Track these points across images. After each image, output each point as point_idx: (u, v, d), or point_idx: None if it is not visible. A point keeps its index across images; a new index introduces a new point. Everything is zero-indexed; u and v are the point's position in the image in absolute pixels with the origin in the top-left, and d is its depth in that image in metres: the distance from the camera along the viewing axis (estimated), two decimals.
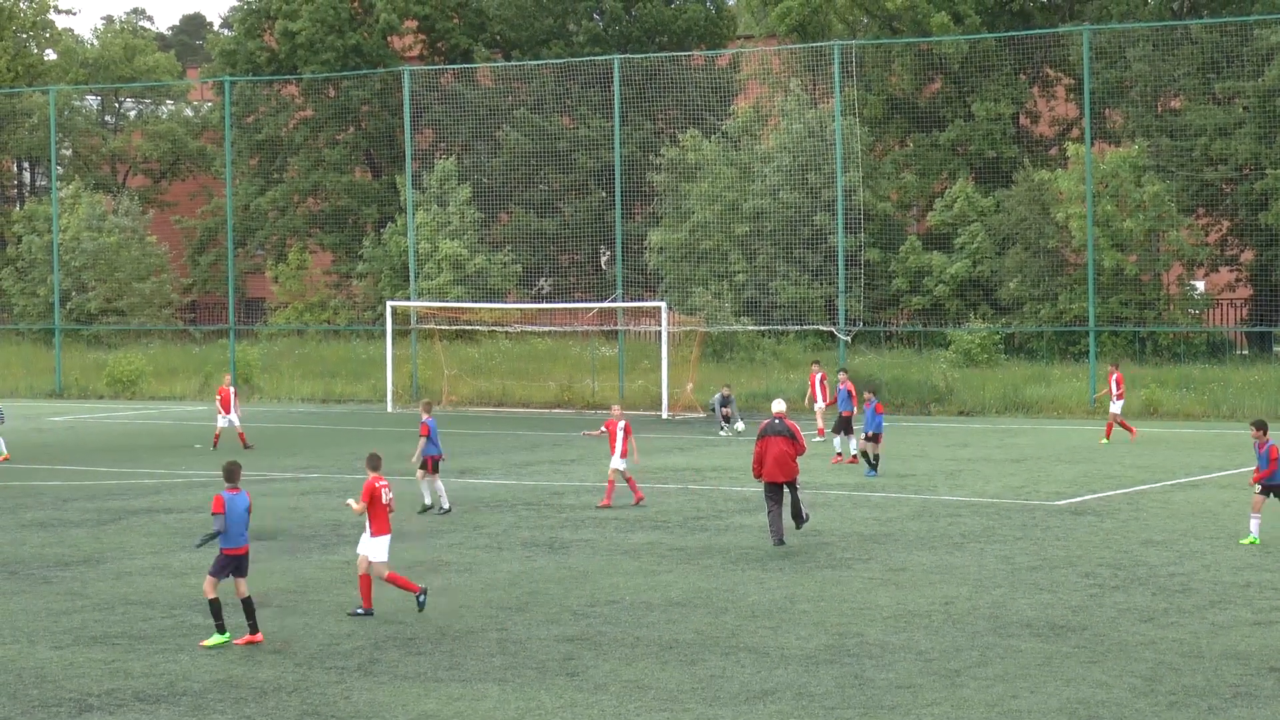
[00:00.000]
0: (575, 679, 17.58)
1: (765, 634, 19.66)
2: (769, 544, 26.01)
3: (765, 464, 25.86)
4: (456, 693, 17.06)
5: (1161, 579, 22.90)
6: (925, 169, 70.76)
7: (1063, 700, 16.51)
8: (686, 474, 36.15)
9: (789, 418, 26.93)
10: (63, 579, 23.84)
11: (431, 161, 73.58)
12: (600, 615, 20.82)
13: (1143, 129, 64.42)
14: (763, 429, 26.20)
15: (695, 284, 64.33)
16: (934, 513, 29.68)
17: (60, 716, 16.35)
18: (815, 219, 63.55)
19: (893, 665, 18.03)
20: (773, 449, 25.86)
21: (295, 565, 24.73)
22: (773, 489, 25.97)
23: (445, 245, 69.69)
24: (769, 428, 26.12)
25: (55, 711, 16.51)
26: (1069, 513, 29.67)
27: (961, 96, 70.50)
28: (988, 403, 51.86)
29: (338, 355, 68.38)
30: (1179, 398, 50.85)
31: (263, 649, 19.07)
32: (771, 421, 26.25)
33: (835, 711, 16.22)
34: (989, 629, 19.71)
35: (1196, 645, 18.88)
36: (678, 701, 16.62)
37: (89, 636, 19.90)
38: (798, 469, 26.25)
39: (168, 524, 29.22)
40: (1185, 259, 62.75)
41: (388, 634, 19.83)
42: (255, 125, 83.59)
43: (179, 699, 16.94)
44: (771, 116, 68.81)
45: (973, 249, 66.00)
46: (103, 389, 63.44)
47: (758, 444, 26.05)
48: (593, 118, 74.43)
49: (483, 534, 27.70)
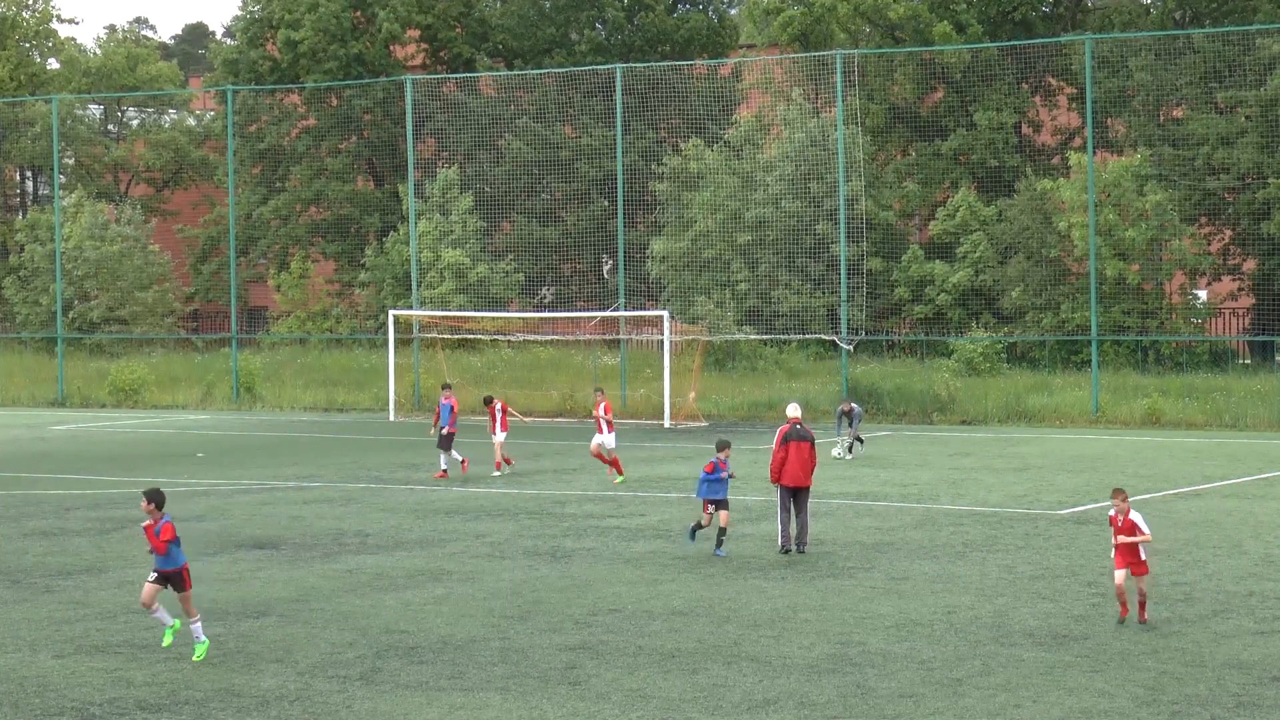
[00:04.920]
0: (577, 688, 17.57)
1: (767, 643, 19.65)
2: (772, 553, 25.98)
3: (787, 469, 25.92)
4: (459, 701, 17.05)
5: (1164, 588, 22.87)
6: (927, 178, 70.79)
7: (1065, 709, 16.49)
8: (689, 483, 36.10)
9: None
10: (65, 588, 23.83)
11: (434, 170, 73.62)
12: (602, 624, 20.81)
13: (1145, 138, 64.46)
14: (784, 434, 26.20)
15: (697, 293, 64.36)
16: (936, 522, 29.66)
17: None
18: (817, 228, 63.58)
19: (895, 674, 18.01)
20: (795, 454, 25.97)
21: (297, 574, 24.72)
22: (791, 494, 26.06)
23: (447, 254, 69.72)
24: (791, 433, 26.16)
25: None
26: (1072, 522, 29.64)
27: (964, 106, 70.54)
28: (990, 412, 51.84)
29: (340, 364, 68.38)
30: (1181, 407, 50.82)
31: (264, 658, 19.05)
32: (793, 427, 26.27)
33: None
34: (991, 638, 19.69)
35: (1199, 654, 18.86)
36: (680, 710, 16.61)
37: (91, 645, 19.89)
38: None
39: None
40: (1187, 268, 62.77)
41: (390, 643, 19.82)
42: (257, 134, 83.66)
43: (181, 708, 16.94)
44: (774, 126, 68.87)
45: (975, 258, 66.01)
46: (105, 398, 63.44)
47: (778, 450, 26.08)
48: (595, 127, 74.48)
49: (485, 543, 27.69)
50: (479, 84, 78.49)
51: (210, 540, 28.21)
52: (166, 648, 19.25)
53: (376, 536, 28.52)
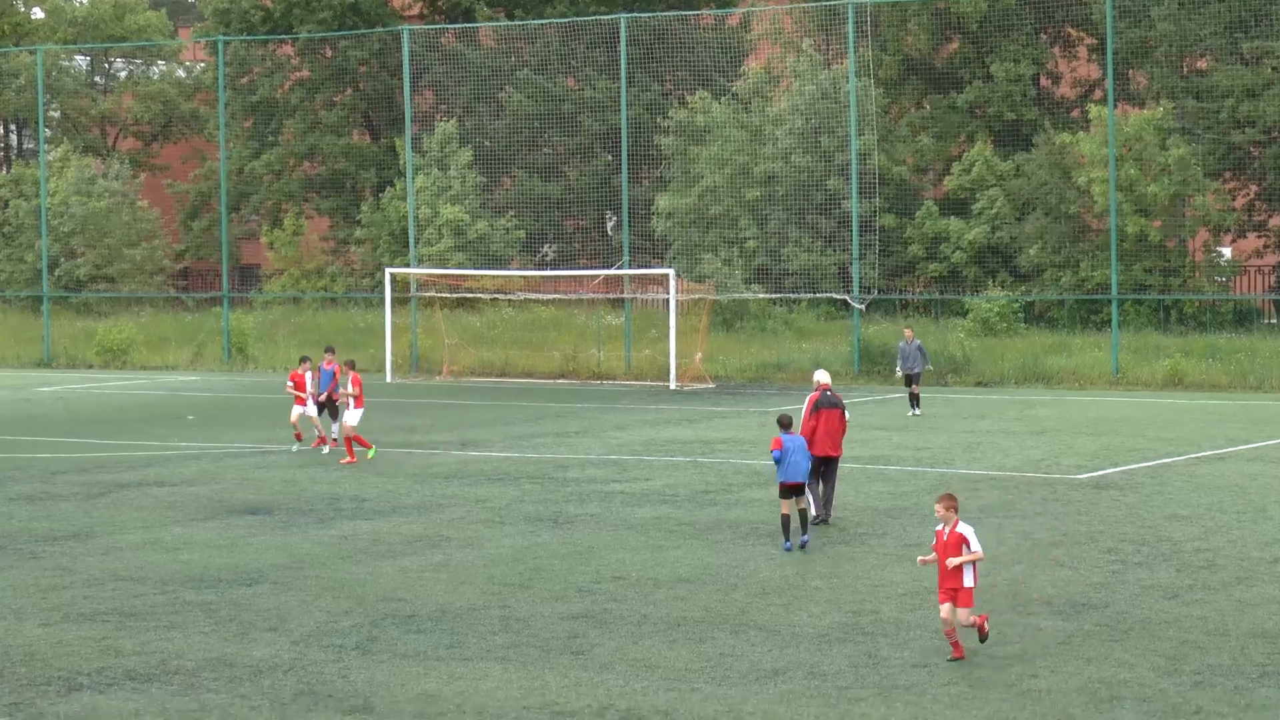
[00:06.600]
0: (580, 657, 17.58)
1: (776, 611, 19.66)
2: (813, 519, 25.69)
3: (817, 438, 25.53)
4: (458, 672, 17.06)
5: (1186, 555, 22.88)
6: (942, 132, 70.60)
7: (1083, 680, 16.50)
8: (695, 447, 36.13)
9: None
10: (51, 554, 23.86)
11: (432, 124, 73.45)
12: (606, 592, 20.83)
13: (1167, 90, 64.23)
14: (815, 402, 25.73)
15: (704, 251, 64.27)
16: (951, 487, 29.65)
17: (49, 695, 16.36)
18: (828, 183, 63.46)
19: (908, 643, 18.02)
20: (826, 422, 25.63)
21: (291, 540, 24.75)
22: (820, 463, 25.67)
23: (446, 210, 69.62)
24: (823, 400, 25.76)
25: (44, 690, 16.53)
26: (1091, 487, 29.64)
27: (980, 57, 70.30)
28: (1007, 373, 51.82)
29: (335, 324, 68.37)
30: (1204, 368, 50.79)
31: (257, 627, 19.07)
32: (824, 394, 25.91)
33: (848, 691, 16.22)
34: (1007, 606, 19.69)
35: (1222, 623, 18.86)
36: (685, 681, 16.62)
37: (78, 613, 19.92)
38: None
39: (159, 497, 29.24)
40: (1211, 224, 62.62)
41: (386, 611, 19.84)
42: (249, 86, 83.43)
43: (171, 678, 16.96)
44: (783, 78, 68.65)
45: (991, 214, 65.89)
46: (92, 358, 63.48)
47: (809, 418, 25.65)
48: (598, 79, 74.28)
49: (484, 508, 27.71)
50: (478, 34, 78.22)
51: (201, 505, 28.24)
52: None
53: (373, 501, 28.55)
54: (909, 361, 42.87)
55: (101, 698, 16.31)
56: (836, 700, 15.95)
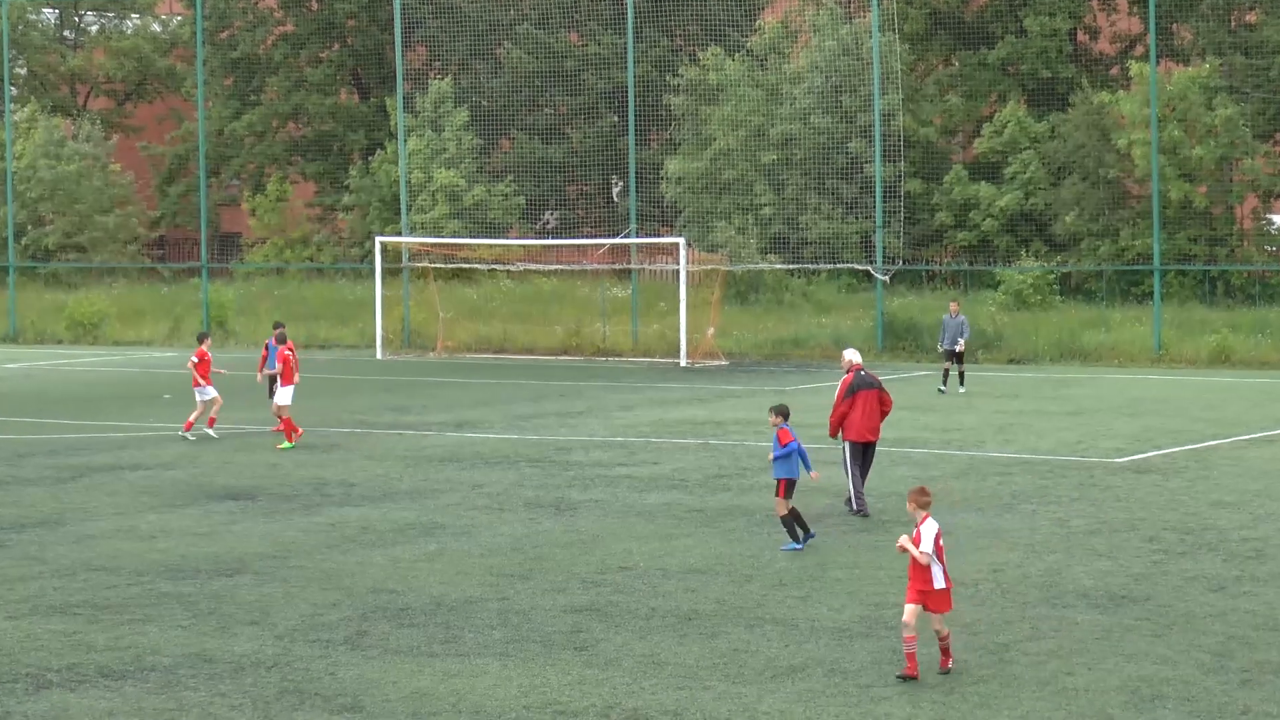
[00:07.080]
0: (584, 653, 17.60)
1: (793, 604, 19.67)
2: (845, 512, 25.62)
3: (854, 423, 25.32)
4: (453, 668, 17.09)
5: (1233, 544, 22.88)
6: (972, 91, 70.57)
7: (1123, 678, 16.50)
8: (707, 428, 36.16)
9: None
10: (18, 542, 23.89)
11: (425, 82, 73.44)
12: (612, 584, 20.85)
13: (1214, 46, 64.16)
14: (851, 384, 25.38)
15: (717, 218, 64.28)
16: (981, 471, 29.68)
17: (16, 693, 16.39)
18: (850, 146, 63.44)
19: (933, 639, 18.01)
20: (863, 405, 25.41)
21: (274, 528, 24.78)
22: (859, 450, 25.58)
23: (440, 175, 69.66)
24: (858, 382, 25.44)
25: (10, 688, 16.55)
26: (1130, 471, 29.65)
27: (1013, 10, 70.24)
28: (1041, 349, 51.84)
29: (321, 296, 68.44)
30: (1253, 344, 50.78)
31: (239, 620, 19.10)
32: (858, 375, 25.68)
33: (870, 690, 16.23)
34: (1042, 599, 19.70)
35: (1272, 617, 18.86)
36: (697, 678, 16.64)
37: (47, 606, 19.95)
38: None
39: (134, 482, 29.28)
40: (1261, 190, 62.61)
41: (377, 604, 19.86)
42: (230, 42, 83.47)
43: (147, 675, 16.98)
44: (802, 33, 68.62)
45: (1025, 179, 65.89)
46: (62, 333, 63.55)
47: (844, 400, 25.36)
48: (603, 34, 74.25)
49: (482, 493, 27.73)
50: None
51: (179, 491, 28.28)
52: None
53: (362, 486, 28.58)
54: (952, 336, 42.82)
55: (72, 696, 16.34)
56: (858, 699, 15.97)
